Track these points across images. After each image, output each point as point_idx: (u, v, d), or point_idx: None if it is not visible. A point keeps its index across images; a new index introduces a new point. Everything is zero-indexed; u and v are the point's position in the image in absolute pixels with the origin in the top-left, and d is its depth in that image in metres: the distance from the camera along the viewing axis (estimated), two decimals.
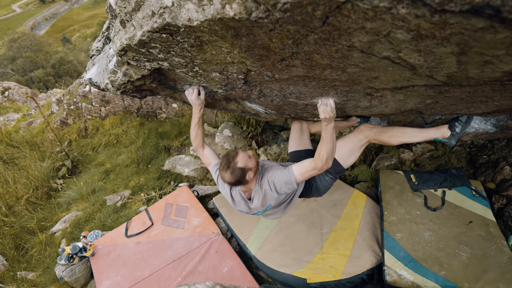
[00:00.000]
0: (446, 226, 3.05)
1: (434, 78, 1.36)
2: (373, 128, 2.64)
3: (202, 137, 2.60)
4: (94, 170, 6.11)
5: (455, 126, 2.57)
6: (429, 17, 0.88)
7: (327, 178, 2.62)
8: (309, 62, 1.47)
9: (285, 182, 2.25)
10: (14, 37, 35.16)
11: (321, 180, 2.62)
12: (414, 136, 2.65)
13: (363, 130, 2.64)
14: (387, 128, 2.68)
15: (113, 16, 2.15)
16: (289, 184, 2.25)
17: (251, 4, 1.08)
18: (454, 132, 2.58)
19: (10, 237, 4.91)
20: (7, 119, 9.66)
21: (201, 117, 2.53)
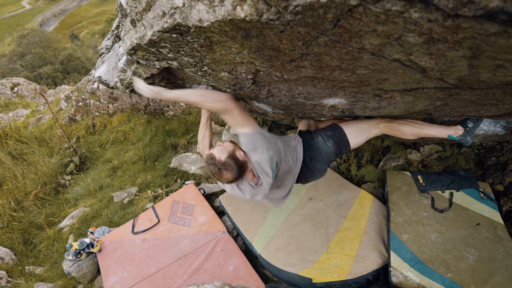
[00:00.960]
0: (453, 228, 3.03)
1: (444, 81, 1.36)
2: (384, 118, 2.57)
3: (210, 139, 2.51)
4: (101, 166, 6.16)
5: (467, 123, 2.51)
6: (442, 21, 0.88)
7: (330, 143, 2.49)
8: (319, 63, 1.47)
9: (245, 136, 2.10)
10: (24, 33, 35.48)
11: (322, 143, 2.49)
12: (427, 129, 2.54)
13: (375, 118, 2.58)
14: (399, 119, 2.57)
15: (123, 15, 2.17)
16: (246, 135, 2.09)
17: (262, 6, 1.08)
18: (467, 128, 2.50)
19: (18, 232, 4.97)
20: (16, 115, 9.77)
21: (210, 117, 2.49)
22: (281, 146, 2.19)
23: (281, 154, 2.16)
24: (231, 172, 2.01)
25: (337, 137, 2.52)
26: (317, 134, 2.56)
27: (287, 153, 2.26)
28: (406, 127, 2.54)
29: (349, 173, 4.24)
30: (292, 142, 2.42)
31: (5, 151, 6.66)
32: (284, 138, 2.41)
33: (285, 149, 2.24)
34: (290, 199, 3.91)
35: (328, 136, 2.52)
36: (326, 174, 4.02)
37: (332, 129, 2.56)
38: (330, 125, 2.62)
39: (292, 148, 2.37)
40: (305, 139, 2.53)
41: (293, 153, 2.37)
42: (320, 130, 2.60)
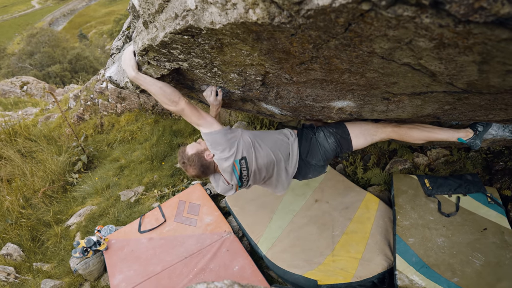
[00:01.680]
0: (459, 232, 3.02)
1: (454, 85, 1.36)
2: (392, 122, 2.56)
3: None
4: (109, 165, 6.22)
5: (477, 126, 2.48)
6: (453, 27, 0.89)
7: (331, 140, 2.51)
8: (328, 66, 1.49)
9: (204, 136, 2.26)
10: (33, 33, 35.85)
11: (323, 139, 2.51)
12: (436, 133, 2.51)
13: (382, 122, 2.56)
14: (407, 124, 2.55)
15: (135, 17, 2.20)
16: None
17: (275, 9, 1.09)
18: (477, 131, 2.47)
19: (27, 229, 5.03)
20: (26, 113, 9.88)
21: (218, 116, 2.56)
22: (251, 142, 2.28)
23: (249, 151, 2.26)
24: (193, 168, 2.25)
25: (340, 135, 2.51)
26: (319, 129, 2.56)
27: (265, 148, 2.33)
28: (415, 131, 2.51)
29: (355, 175, 4.24)
30: (281, 137, 2.45)
31: (14, 148, 6.74)
32: (267, 133, 2.45)
33: (260, 145, 2.32)
34: (296, 200, 3.92)
35: (330, 133, 2.52)
36: (332, 176, 4.07)
37: (336, 126, 2.55)
38: (335, 122, 2.63)
39: (279, 143, 2.41)
40: (305, 133, 2.55)
41: (282, 148, 2.42)
42: (324, 126, 2.60)
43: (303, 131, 2.57)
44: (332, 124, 2.60)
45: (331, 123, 2.60)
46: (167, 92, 2.09)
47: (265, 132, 2.47)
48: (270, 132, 2.48)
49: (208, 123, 2.22)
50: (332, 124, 2.59)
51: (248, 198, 4.12)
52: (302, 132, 2.56)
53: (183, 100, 2.13)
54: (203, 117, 2.20)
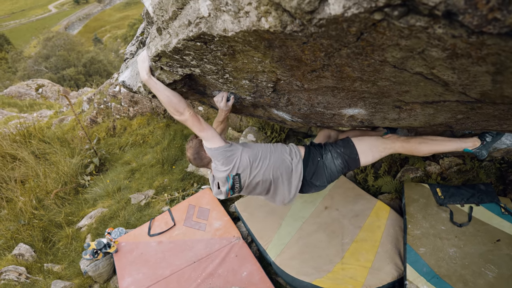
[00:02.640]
0: (472, 243, 2.97)
1: (467, 95, 1.35)
2: (400, 137, 2.56)
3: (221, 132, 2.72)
4: (120, 168, 6.28)
5: (485, 136, 2.46)
6: (466, 37, 0.88)
7: (338, 162, 2.50)
8: (340, 74, 1.49)
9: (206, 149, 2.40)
10: (49, 36, 36.55)
11: (330, 161, 2.51)
12: (444, 145, 2.51)
13: (390, 137, 2.55)
14: (414, 137, 2.56)
15: (149, 23, 2.23)
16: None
17: (287, 18, 1.10)
18: (485, 141, 2.46)
19: (39, 230, 5.10)
20: (40, 115, 10.05)
21: (226, 120, 2.65)
22: (248, 163, 2.35)
23: (245, 170, 2.35)
24: (189, 151, 2.46)
25: (348, 155, 2.50)
26: (327, 150, 2.55)
27: (263, 168, 2.39)
28: (423, 146, 2.51)
29: (366, 183, 4.21)
30: (284, 157, 2.46)
31: (28, 150, 6.86)
32: (271, 152, 2.46)
33: (259, 165, 2.38)
34: (305, 207, 3.90)
35: (338, 154, 2.51)
36: (342, 183, 4.06)
37: (344, 145, 2.53)
38: (343, 139, 2.60)
39: (280, 163, 2.43)
40: (312, 154, 2.55)
41: (283, 168, 2.44)
42: (332, 145, 2.58)
43: (311, 152, 2.55)
44: (339, 142, 2.57)
45: (339, 141, 2.58)
46: (173, 102, 2.16)
47: (268, 149, 2.48)
48: (274, 150, 2.48)
49: (209, 137, 2.31)
50: (340, 142, 2.57)
51: (257, 204, 4.12)
52: (310, 153, 2.55)
53: (187, 111, 2.20)
54: (205, 130, 2.29)
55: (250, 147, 2.42)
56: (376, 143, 2.52)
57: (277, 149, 2.49)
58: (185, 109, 2.19)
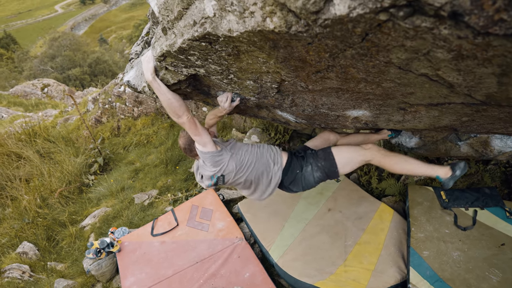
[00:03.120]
0: (476, 247, 2.95)
1: (472, 97, 1.35)
2: (380, 150, 2.63)
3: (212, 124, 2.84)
4: (124, 168, 6.30)
5: (456, 169, 2.54)
6: (472, 38, 0.88)
7: (317, 175, 2.63)
8: (344, 75, 1.48)
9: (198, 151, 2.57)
10: (55, 36, 36.77)
11: (309, 174, 2.65)
12: (417, 168, 2.60)
13: (370, 149, 2.63)
14: (393, 154, 2.64)
15: (154, 23, 2.24)
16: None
17: (292, 18, 1.10)
18: (454, 174, 2.53)
19: (43, 228, 5.13)
20: (45, 114, 10.11)
21: (222, 118, 2.77)
22: (234, 169, 2.55)
23: (229, 174, 2.56)
24: (182, 140, 2.65)
25: (328, 168, 2.62)
26: (308, 163, 2.68)
27: (246, 174, 2.60)
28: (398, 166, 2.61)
29: (369, 185, 4.20)
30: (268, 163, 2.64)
31: (33, 149, 6.90)
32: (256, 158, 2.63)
33: (243, 171, 2.58)
34: (309, 209, 3.89)
35: (318, 167, 2.63)
36: (346, 185, 4.05)
37: (325, 158, 2.64)
38: (324, 150, 2.70)
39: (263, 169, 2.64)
40: (293, 164, 2.69)
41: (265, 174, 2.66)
42: (313, 157, 2.70)
43: (292, 162, 2.69)
44: (321, 155, 2.67)
45: (320, 154, 2.69)
46: (174, 105, 2.23)
47: (254, 156, 2.63)
48: (260, 157, 2.64)
49: (202, 141, 2.44)
50: (321, 155, 2.67)
51: (261, 205, 4.11)
52: (291, 163, 2.69)
53: (186, 115, 2.29)
54: (200, 135, 2.41)
55: (238, 153, 2.58)
56: (355, 156, 2.63)
57: (263, 155, 2.65)
58: (184, 113, 2.27)
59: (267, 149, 2.69)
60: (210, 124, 2.85)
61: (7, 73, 33.53)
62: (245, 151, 2.61)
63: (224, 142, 2.67)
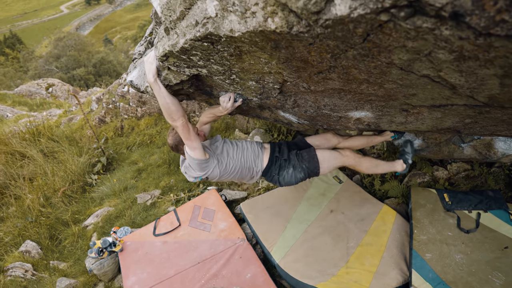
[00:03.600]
0: (479, 250, 2.93)
1: (474, 99, 1.34)
2: (356, 157, 2.89)
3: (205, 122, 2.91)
4: (127, 168, 6.31)
5: (407, 160, 3.10)
6: (473, 39, 0.87)
7: (300, 176, 2.80)
8: (346, 76, 1.48)
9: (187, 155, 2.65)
10: (60, 36, 36.94)
11: (290, 176, 2.80)
12: (384, 169, 3.05)
13: (348, 156, 2.88)
14: (366, 159, 2.97)
15: (157, 23, 2.24)
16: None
17: (293, 18, 1.10)
18: (407, 163, 3.10)
19: (46, 227, 5.14)
20: (50, 114, 10.16)
21: (217, 119, 2.89)
22: (218, 174, 2.70)
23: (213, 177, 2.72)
24: (171, 138, 2.70)
25: (311, 170, 2.79)
26: (291, 164, 2.83)
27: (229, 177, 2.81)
28: (368, 169, 2.98)
29: (372, 187, 4.18)
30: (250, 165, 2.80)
31: (37, 148, 6.93)
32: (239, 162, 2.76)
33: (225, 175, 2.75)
34: (311, 210, 3.88)
35: (302, 169, 2.79)
36: (348, 187, 4.04)
37: (309, 160, 2.80)
38: (308, 152, 2.86)
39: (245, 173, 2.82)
40: (271, 169, 2.84)
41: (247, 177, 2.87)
42: (298, 158, 2.84)
43: (271, 167, 2.84)
44: (305, 156, 2.83)
45: (304, 155, 2.84)
46: (171, 109, 2.26)
47: (239, 161, 2.76)
48: (244, 161, 2.78)
49: (192, 147, 2.50)
50: (306, 156, 2.83)
51: (263, 206, 4.11)
52: (270, 167, 2.84)
53: (181, 120, 2.32)
54: (191, 141, 2.46)
55: (223, 160, 2.70)
56: (334, 160, 2.86)
57: (247, 160, 2.78)
58: (179, 118, 2.31)
59: (251, 152, 2.81)
60: (205, 122, 2.89)
61: (13, 73, 33.75)
62: (231, 158, 2.73)
63: (212, 146, 2.74)
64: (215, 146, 2.73)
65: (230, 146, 2.78)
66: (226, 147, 2.77)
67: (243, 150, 2.79)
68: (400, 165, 3.08)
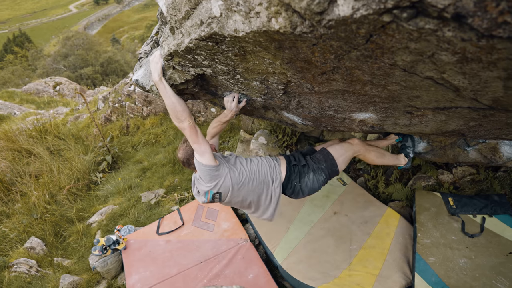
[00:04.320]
0: (483, 254, 2.91)
1: (478, 101, 1.33)
2: (364, 145, 2.82)
3: (215, 134, 2.83)
4: (132, 167, 6.35)
5: (408, 154, 3.08)
6: (476, 41, 0.87)
7: (321, 178, 2.64)
8: (350, 77, 1.48)
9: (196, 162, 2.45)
10: (69, 36, 37.19)
11: (312, 181, 2.63)
12: (389, 161, 3.00)
13: (357, 144, 2.79)
14: (374, 148, 2.90)
15: (163, 23, 2.26)
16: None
17: (297, 19, 1.10)
18: (409, 157, 3.09)
19: (50, 224, 5.19)
20: (57, 112, 10.24)
21: (227, 123, 2.73)
22: (231, 186, 2.44)
23: (226, 191, 2.45)
24: (182, 153, 2.55)
25: (330, 168, 2.66)
26: (310, 169, 2.66)
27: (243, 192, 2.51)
28: (377, 159, 2.90)
29: (376, 189, 4.17)
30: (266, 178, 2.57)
31: (44, 146, 6.99)
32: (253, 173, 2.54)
33: (239, 188, 2.48)
34: (314, 212, 3.88)
35: (322, 170, 2.64)
36: (352, 189, 4.03)
37: (325, 159, 2.68)
38: (322, 152, 2.75)
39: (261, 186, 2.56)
40: (291, 179, 2.63)
41: (263, 191, 2.58)
42: (314, 161, 2.71)
43: (290, 175, 2.63)
44: (320, 157, 2.71)
45: (319, 156, 2.72)
46: (177, 109, 2.21)
47: (253, 173, 2.55)
48: (258, 174, 2.56)
49: (201, 151, 2.35)
50: (320, 157, 2.71)
51: None
52: (290, 176, 2.63)
53: (187, 121, 2.24)
54: (200, 144, 2.33)
55: (236, 169, 2.49)
56: (346, 150, 2.76)
57: (261, 172, 2.57)
58: (186, 118, 2.24)
59: (266, 164, 2.62)
60: (213, 134, 2.81)
61: (21, 71, 34.07)
62: (244, 168, 2.54)
63: (223, 157, 2.58)
64: (227, 158, 2.58)
65: (243, 159, 2.62)
66: (239, 159, 2.61)
67: (257, 163, 2.61)
68: (403, 158, 3.06)
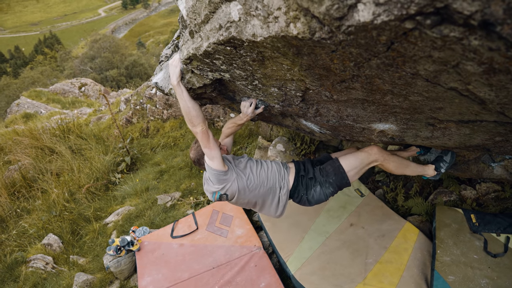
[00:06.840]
0: (507, 276, 2.78)
1: (506, 115, 1.27)
2: (383, 154, 2.68)
3: (228, 134, 2.90)
4: (150, 169, 6.41)
5: (440, 168, 2.89)
6: (505, 51, 0.82)
7: (329, 191, 2.64)
8: (370, 86, 1.44)
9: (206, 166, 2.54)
10: (96, 38, 38.29)
11: (319, 193, 2.65)
12: (413, 171, 2.87)
13: (375, 153, 2.67)
14: (394, 157, 2.74)
15: (183, 27, 2.26)
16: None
17: (315, 24, 1.08)
18: (439, 172, 2.91)
19: (68, 222, 5.28)
20: (80, 112, 10.49)
21: (241, 126, 2.79)
22: (237, 190, 2.52)
23: (233, 194, 2.54)
24: (193, 153, 2.65)
25: (339, 181, 2.63)
26: (317, 182, 2.66)
27: (250, 196, 2.60)
28: (397, 169, 2.77)
29: (395, 202, 4.06)
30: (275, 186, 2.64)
31: (66, 145, 7.15)
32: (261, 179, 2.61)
33: (246, 192, 2.56)
34: (330, 222, 3.80)
35: (330, 184, 2.64)
36: (370, 201, 3.94)
37: (335, 173, 2.64)
38: (332, 164, 2.70)
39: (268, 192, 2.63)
40: (298, 189, 2.68)
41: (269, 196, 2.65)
42: (322, 174, 2.68)
43: (298, 186, 2.67)
44: (329, 169, 2.68)
45: (328, 168, 2.69)
46: (191, 114, 2.25)
47: (261, 180, 2.61)
48: (266, 181, 2.62)
49: (211, 156, 2.41)
50: (330, 169, 2.67)
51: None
52: (297, 186, 2.67)
53: (201, 126, 2.29)
54: (211, 149, 2.38)
55: (244, 175, 2.55)
56: (362, 161, 2.67)
57: (269, 179, 2.63)
58: (199, 123, 2.28)
59: (275, 171, 2.67)
60: (227, 134, 2.85)
61: (50, 72, 35.23)
62: (252, 174, 2.60)
63: (235, 160, 2.65)
64: (238, 161, 2.64)
65: (253, 163, 2.67)
66: (250, 163, 2.66)
67: (267, 169, 2.65)
68: (432, 170, 2.90)
